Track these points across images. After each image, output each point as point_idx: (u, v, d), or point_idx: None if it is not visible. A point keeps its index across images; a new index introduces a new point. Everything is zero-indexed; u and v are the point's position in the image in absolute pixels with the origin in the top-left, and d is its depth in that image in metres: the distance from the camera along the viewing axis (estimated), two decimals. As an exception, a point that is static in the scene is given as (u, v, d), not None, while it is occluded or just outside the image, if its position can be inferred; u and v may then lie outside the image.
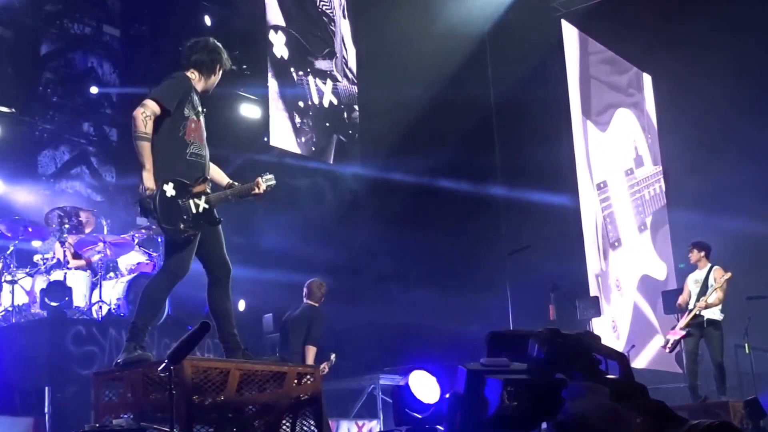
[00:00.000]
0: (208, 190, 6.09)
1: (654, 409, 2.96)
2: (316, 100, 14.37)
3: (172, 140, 5.95)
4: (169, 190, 5.82)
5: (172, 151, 5.95)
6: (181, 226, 5.84)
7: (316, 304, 9.77)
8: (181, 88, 6.04)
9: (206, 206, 5.99)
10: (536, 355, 3.00)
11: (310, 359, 9.25)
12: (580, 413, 2.84)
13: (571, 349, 3.03)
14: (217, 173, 6.41)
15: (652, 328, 16.81)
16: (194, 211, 5.91)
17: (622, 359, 3.11)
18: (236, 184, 6.33)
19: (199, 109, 6.14)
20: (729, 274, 11.04)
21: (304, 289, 9.87)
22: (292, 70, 14.07)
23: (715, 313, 11.04)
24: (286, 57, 13.97)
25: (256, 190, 6.30)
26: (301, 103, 14.13)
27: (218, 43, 6.35)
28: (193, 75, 6.19)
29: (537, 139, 14.97)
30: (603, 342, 3.41)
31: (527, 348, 3.12)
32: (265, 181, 6.33)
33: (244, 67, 13.59)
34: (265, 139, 13.58)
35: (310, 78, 14.33)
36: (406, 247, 14.45)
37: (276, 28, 13.88)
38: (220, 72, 6.35)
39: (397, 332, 13.15)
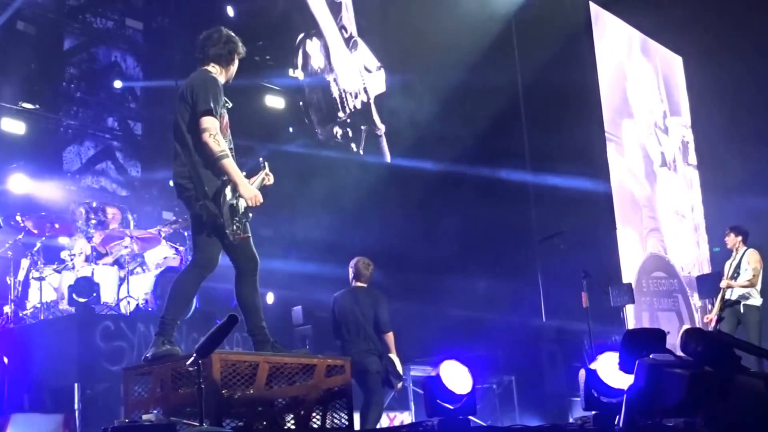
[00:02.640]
0: None
1: None
2: (341, 89, 14.26)
3: None
4: (229, 193, 5.83)
5: None
6: (235, 227, 5.83)
7: (366, 285, 9.18)
8: (218, 90, 6.00)
9: (245, 205, 5.95)
10: (692, 352, 3.13)
11: (393, 347, 8.87)
12: (738, 403, 2.95)
13: (718, 346, 3.14)
14: None
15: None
16: (241, 210, 5.90)
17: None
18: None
19: (225, 103, 6.12)
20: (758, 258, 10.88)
21: (351, 270, 9.20)
22: (315, 59, 13.97)
23: (752, 298, 10.85)
24: (310, 48, 13.88)
25: (267, 182, 6.27)
26: (325, 92, 14.03)
27: (231, 32, 6.28)
28: (214, 69, 6.14)
29: (566, 123, 14.76)
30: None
31: (658, 345, 3.26)
32: (268, 169, 6.28)
33: (268, 57, 13.52)
34: (290, 129, 13.50)
35: (334, 68, 14.22)
36: (434, 235, 14.32)
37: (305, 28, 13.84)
38: (237, 61, 6.30)
39: (427, 322, 13.03)
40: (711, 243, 17.43)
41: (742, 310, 10.84)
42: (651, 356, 3.22)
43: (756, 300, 10.84)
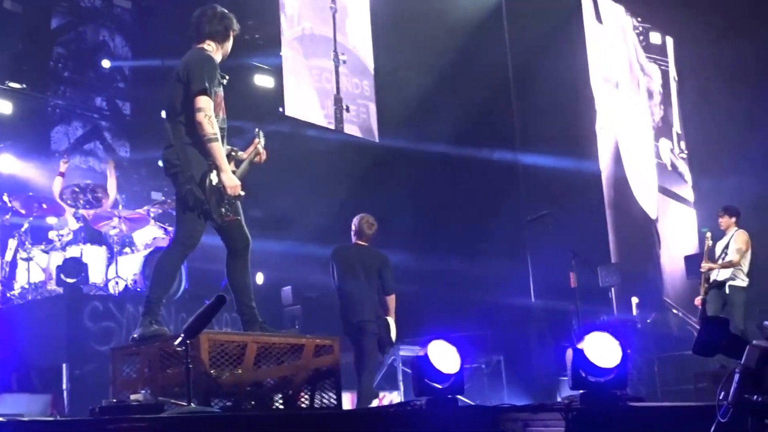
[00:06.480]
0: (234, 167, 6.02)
1: None
2: (328, 68, 14.19)
3: None
4: (214, 177, 5.82)
5: None
6: (223, 210, 5.83)
7: (368, 245, 9.22)
8: (214, 68, 5.99)
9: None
10: None
11: (393, 311, 8.92)
12: None
13: None
14: None
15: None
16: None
17: None
18: (238, 152, 6.20)
19: (221, 79, 6.10)
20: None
21: (353, 227, 9.22)
22: (302, 39, 13.89)
23: (737, 279, 10.87)
24: (296, 27, 13.79)
25: (260, 158, 6.28)
26: (314, 72, 13.96)
27: (224, 9, 6.27)
28: (209, 46, 6.13)
29: (556, 103, 14.74)
30: None
31: (728, 331, 3.60)
32: (263, 143, 6.29)
33: (257, 36, 13.44)
34: (280, 109, 13.45)
35: (321, 45, 14.13)
36: (423, 215, 14.32)
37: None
38: (232, 37, 6.28)
39: (415, 302, 13.04)
40: (699, 223, 17.46)
41: (727, 291, 10.86)
42: (754, 341, 3.46)
43: (741, 281, 10.86)
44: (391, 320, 8.88)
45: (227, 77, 6.13)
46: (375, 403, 9.11)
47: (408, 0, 14.18)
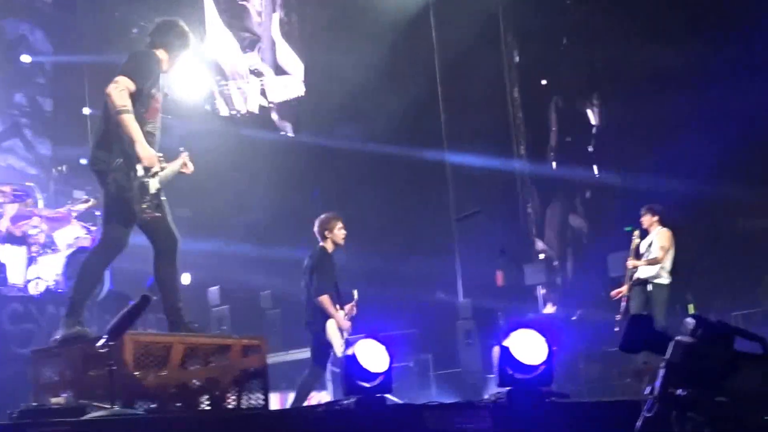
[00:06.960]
0: (160, 170, 5.95)
1: None
2: (256, 66, 14.11)
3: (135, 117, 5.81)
4: (140, 170, 5.75)
5: None
6: (144, 206, 5.76)
7: (323, 245, 9.08)
8: (155, 67, 5.98)
9: (158, 186, 5.90)
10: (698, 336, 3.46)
11: (331, 311, 8.61)
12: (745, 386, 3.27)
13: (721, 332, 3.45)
14: None
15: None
16: (152, 191, 5.83)
17: (762, 341, 3.47)
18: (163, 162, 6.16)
19: (163, 89, 6.11)
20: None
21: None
22: (228, 34, 13.81)
23: (660, 277, 11.04)
24: (222, 24, 13.72)
25: (186, 170, 6.27)
26: (241, 70, 13.88)
27: (186, 27, 6.28)
28: (161, 54, 6.11)
29: (482, 103, 14.85)
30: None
31: (652, 327, 3.63)
32: (188, 157, 6.28)
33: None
34: (207, 107, 13.34)
35: (246, 43, 14.07)
36: (352, 214, 14.26)
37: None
38: (182, 56, 6.30)
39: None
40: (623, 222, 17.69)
41: (650, 288, 11.03)
42: (678, 337, 3.54)
43: (664, 279, 11.03)
44: (329, 323, 8.72)
45: (169, 94, 6.12)
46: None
47: (336, 1, 14.18)
